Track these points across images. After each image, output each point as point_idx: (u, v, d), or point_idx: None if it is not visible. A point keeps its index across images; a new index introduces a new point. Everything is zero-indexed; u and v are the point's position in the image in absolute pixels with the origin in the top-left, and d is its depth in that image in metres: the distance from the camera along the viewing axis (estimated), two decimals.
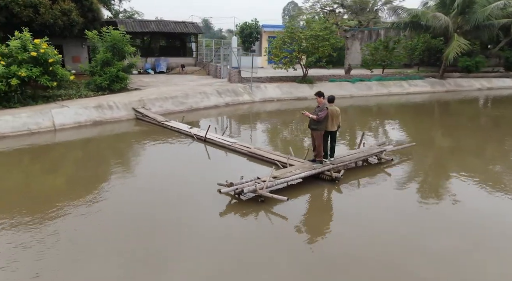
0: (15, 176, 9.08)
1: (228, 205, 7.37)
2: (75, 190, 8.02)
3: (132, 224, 6.54)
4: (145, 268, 5.26)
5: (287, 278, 5.16)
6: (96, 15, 22.89)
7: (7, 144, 11.38)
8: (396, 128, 15.75)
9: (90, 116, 13.79)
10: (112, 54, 16.86)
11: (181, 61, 27.51)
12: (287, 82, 22.58)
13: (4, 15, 18.20)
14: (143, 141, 12.41)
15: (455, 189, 8.58)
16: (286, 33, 21.72)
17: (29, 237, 5.93)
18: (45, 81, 14.02)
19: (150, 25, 26.49)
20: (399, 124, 16.63)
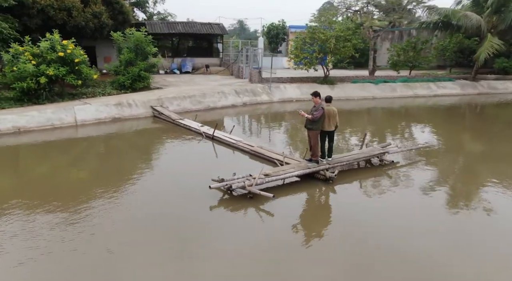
0: (42, 168, 9.84)
1: (219, 200, 7.64)
2: (98, 182, 8.55)
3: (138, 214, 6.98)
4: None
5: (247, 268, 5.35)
6: (126, 17, 23.98)
7: (33, 138, 12.30)
8: (415, 131, 15.32)
9: (110, 113, 14.57)
10: (135, 55, 17.66)
11: (206, 61, 28.17)
12: (308, 83, 22.54)
13: (41, 18, 19.51)
14: (157, 138, 13.02)
15: (453, 195, 8.34)
16: (307, 34, 21.71)
17: (62, 221, 6.51)
18: (71, 80, 14.99)
19: (177, 26, 27.36)
20: (420, 127, 16.16)
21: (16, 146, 11.67)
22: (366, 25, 24.32)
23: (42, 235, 6.05)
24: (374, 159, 9.85)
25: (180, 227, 6.51)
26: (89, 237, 6.04)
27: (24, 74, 14.09)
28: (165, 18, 46.12)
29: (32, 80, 14.28)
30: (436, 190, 8.41)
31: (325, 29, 21.73)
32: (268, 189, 8.01)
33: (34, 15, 19.21)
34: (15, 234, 6.07)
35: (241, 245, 5.97)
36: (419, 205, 7.68)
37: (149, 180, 8.84)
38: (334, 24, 21.96)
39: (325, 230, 6.68)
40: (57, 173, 9.42)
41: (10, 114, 12.90)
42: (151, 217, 6.85)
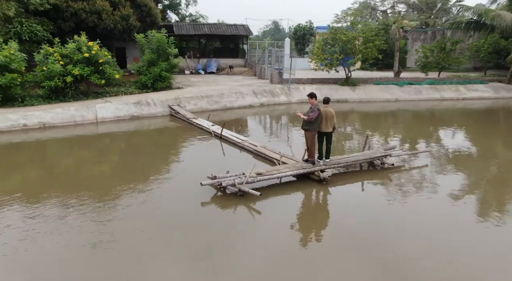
0: (67, 162, 10.60)
1: (212, 197, 7.90)
2: (120, 176, 9.19)
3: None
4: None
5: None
6: (154, 19, 24.91)
7: (57, 133, 13.20)
8: (433, 134, 14.85)
9: (129, 111, 15.29)
10: (156, 55, 18.36)
11: (231, 62, 28.65)
12: (328, 84, 22.37)
13: (74, 21, 20.73)
14: (170, 136, 13.65)
15: (439, 200, 8.10)
16: (329, 35, 21.58)
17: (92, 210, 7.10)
18: (95, 79, 15.88)
19: (203, 28, 28.05)
20: (442, 130, 15.62)
21: (43, 140, 12.54)
22: (396, 25, 23.66)
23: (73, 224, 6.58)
24: (376, 161, 9.73)
25: (171, 220, 6.83)
26: (120, 228, 6.49)
27: (52, 73, 15.11)
28: (195, 20, 47.26)
29: (60, 79, 15.28)
30: (430, 194, 8.21)
31: (348, 30, 21.50)
32: (264, 188, 8.20)
33: (67, 18, 20.45)
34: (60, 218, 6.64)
35: (214, 236, 6.19)
36: (407, 208, 7.56)
37: (151, 176, 9.26)
38: (356, 24, 21.64)
39: (305, 230, 6.76)
40: (81, 167, 10.10)
41: (37, 110, 13.90)
42: (148, 211, 7.24)
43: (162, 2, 44.73)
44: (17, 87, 14.59)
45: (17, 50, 14.87)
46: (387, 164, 9.56)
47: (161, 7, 45.06)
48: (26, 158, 10.83)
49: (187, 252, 5.80)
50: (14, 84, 14.35)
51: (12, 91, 14.59)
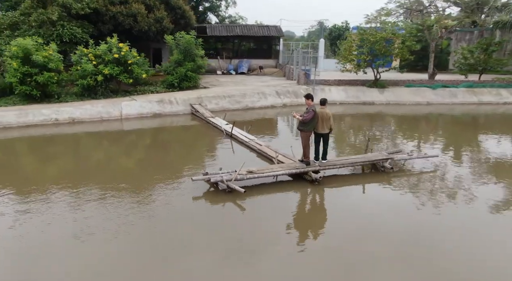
0: (97, 155, 11.49)
1: (205, 192, 8.24)
2: (143, 169, 9.88)
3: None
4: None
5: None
6: (188, 21, 25.84)
7: (85, 128, 14.27)
8: (456, 140, 14.15)
9: (152, 109, 16.11)
10: (183, 56, 19.11)
11: (262, 62, 28.96)
12: (355, 86, 21.94)
13: (112, 23, 22.08)
14: (188, 133, 14.31)
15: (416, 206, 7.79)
16: (357, 35, 21.19)
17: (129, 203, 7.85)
18: (123, 78, 16.90)
19: (235, 29, 28.63)
20: (463, 136, 14.85)
21: (73, 134, 13.63)
22: (439, 25, 22.51)
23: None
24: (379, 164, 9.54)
25: (160, 211, 7.27)
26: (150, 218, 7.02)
27: (85, 72, 16.32)
28: (234, 21, 48.14)
29: (91, 78, 16.45)
30: (419, 200, 7.95)
31: (377, 31, 20.97)
32: (258, 185, 8.43)
33: (106, 21, 21.83)
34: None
35: (193, 229, 6.51)
36: (394, 212, 7.39)
37: (159, 169, 9.79)
38: (386, 25, 21.04)
39: (279, 228, 6.86)
40: (110, 160, 10.96)
41: (68, 106, 15.11)
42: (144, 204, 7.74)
43: (203, 4, 46.19)
44: (53, 84, 15.92)
45: (56, 51, 16.23)
46: (386, 168, 9.33)
47: (202, 9, 46.70)
48: (59, 150, 11.84)
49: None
50: (51, 82, 15.68)
51: (49, 88, 15.95)
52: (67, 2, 18.96)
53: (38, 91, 15.69)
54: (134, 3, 22.02)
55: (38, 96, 15.76)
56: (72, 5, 19.15)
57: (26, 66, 15.29)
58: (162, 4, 23.56)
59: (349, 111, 19.52)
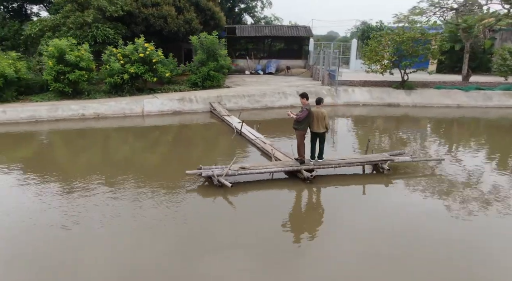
0: (123, 149, 12.29)
1: (199, 186, 8.58)
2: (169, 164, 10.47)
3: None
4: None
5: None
6: (218, 22, 26.48)
7: (110, 123, 15.18)
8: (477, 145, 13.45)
9: (172, 107, 16.78)
10: (206, 56, 19.67)
11: (290, 63, 28.98)
12: (381, 87, 21.37)
13: (144, 25, 23.16)
14: (205, 130, 14.79)
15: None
16: (384, 35, 20.64)
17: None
18: (148, 77, 17.74)
19: (264, 30, 28.88)
20: (494, 141, 14.05)
21: (98, 128, 14.58)
22: (481, 24, 21.31)
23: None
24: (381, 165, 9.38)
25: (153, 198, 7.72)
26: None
27: (113, 71, 17.33)
28: (269, 22, 48.41)
29: (118, 76, 17.43)
30: (403, 205, 7.74)
31: (405, 31, 20.30)
32: (254, 181, 8.69)
33: (139, 23, 22.93)
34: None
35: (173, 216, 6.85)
36: (372, 213, 7.29)
37: (168, 164, 10.30)
38: (414, 24, 20.32)
39: (261, 223, 7.01)
40: (134, 153, 11.69)
41: (94, 103, 16.14)
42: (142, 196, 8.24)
43: (239, 5, 46.95)
44: (84, 82, 17.07)
45: (88, 51, 17.38)
46: (384, 169, 9.15)
47: (237, 11, 47.47)
48: (87, 143, 12.75)
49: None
50: (81, 79, 16.83)
51: (80, 85, 17.11)
52: (102, 5, 20.18)
53: (70, 88, 16.89)
54: (165, 5, 22.94)
55: (70, 93, 16.97)
56: (107, 8, 20.34)
57: (61, 64, 16.53)
58: (192, 6, 24.34)
59: (372, 112, 19.06)
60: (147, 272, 5.39)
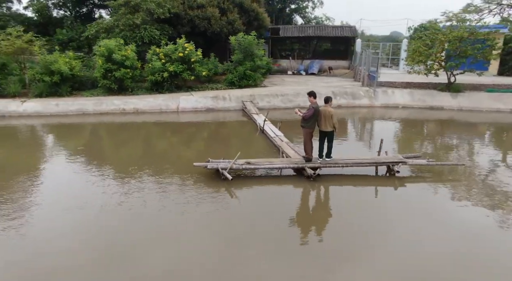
0: (162, 143, 13.20)
1: (207, 178, 9.01)
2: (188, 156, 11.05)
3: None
4: None
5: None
6: (261, 23, 26.92)
7: (147, 118, 16.25)
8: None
9: (206, 104, 17.49)
10: (243, 56, 20.16)
11: (334, 63, 28.57)
12: (424, 89, 20.33)
13: (189, 26, 24.28)
14: (234, 127, 15.37)
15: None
16: (429, 34, 19.63)
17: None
18: (186, 75, 18.65)
19: (307, 30, 28.74)
20: None
21: (138, 122, 15.68)
22: None
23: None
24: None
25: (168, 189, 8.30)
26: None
27: (154, 69, 18.48)
28: (319, 22, 47.85)
29: (159, 75, 18.54)
30: (407, 210, 7.44)
31: (454, 29, 19.11)
32: (261, 177, 8.99)
33: (185, 24, 24.10)
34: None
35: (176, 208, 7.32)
36: (369, 217, 7.14)
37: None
38: (464, 22, 19.05)
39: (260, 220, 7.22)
40: (173, 147, 12.59)
41: (134, 98, 17.37)
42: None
43: (289, 6, 47.10)
44: (128, 79, 18.41)
45: (134, 51, 18.70)
46: (393, 172, 8.88)
47: (288, 11, 47.62)
48: (129, 136, 13.85)
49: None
50: (126, 77, 18.18)
51: (125, 82, 18.48)
52: (151, 8, 21.58)
53: (116, 85, 18.32)
54: (209, 7, 23.86)
55: (116, 89, 18.41)
56: (155, 11, 21.71)
57: (109, 63, 18.00)
58: (235, 7, 25.02)
59: (412, 115, 18.24)
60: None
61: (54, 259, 5.64)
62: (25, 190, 8.11)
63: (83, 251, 5.81)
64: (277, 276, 5.28)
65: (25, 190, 8.14)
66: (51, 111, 16.17)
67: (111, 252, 5.85)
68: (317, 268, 5.44)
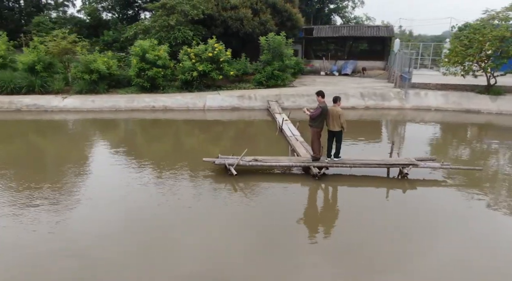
0: (191, 140, 13.80)
1: (217, 173, 9.31)
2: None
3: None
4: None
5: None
6: (295, 23, 26.91)
7: (175, 115, 16.94)
8: None
9: (231, 103, 17.86)
10: (272, 56, 20.31)
11: (368, 64, 27.90)
12: (461, 91, 19.32)
13: (223, 27, 24.82)
14: (258, 126, 15.49)
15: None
16: (467, 34, 18.63)
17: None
18: (214, 75, 19.15)
19: (341, 30, 28.28)
20: None
21: (167, 119, 16.43)
22: None
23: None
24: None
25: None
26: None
27: (184, 69, 19.16)
28: (358, 22, 46.75)
29: (189, 74, 19.19)
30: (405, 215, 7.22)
31: (496, 28, 18.00)
32: (271, 173, 9.16)
33: (218, 25, 24.66)
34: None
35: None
36: (367, 220, 7.03)
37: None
38: (507, 21, 17.88)
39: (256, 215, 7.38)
40: (201, 144, 13.05)
41: (164, 97, 18.14)
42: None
43: (328, 6, 46.54)
44: (160, 78, 19.23)
45: (166, 51, 19.50)
46: (404, 174, 8.65)
47: (327, 11, 47.07)
48: (160, 132, 14.54)
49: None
50: (157, 76, 19.01)
51: (157, 81, 19.32)
52: (185, 10, 22.38)
53: (148, 83, 19.19)
54: (242, 8, 24.26)
55: (148, 87, 19.29)
56: (189, 12, 22.48)
57: (142, 62, 18.92)
58: (268, 8, 25.23)
59: (445, 118, 17.43)
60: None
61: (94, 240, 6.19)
62: (73, 182, 8.80)
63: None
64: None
65: (73, 182, 8.86)
66: (87, 107, 17.31)
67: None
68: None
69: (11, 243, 6.01)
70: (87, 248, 5.88)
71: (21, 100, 17.55)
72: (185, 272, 5.36)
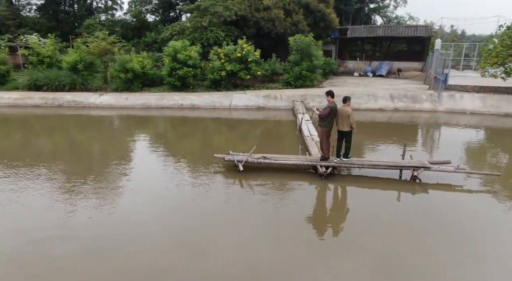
0: (218, 138, 14.23)
1: (226, 169, 9.57)
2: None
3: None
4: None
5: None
6: (328, 23, 26.65)
7: (202, 114, 17.45)
8: None
9: (257, 102, 18.08)
10: (300, 57, 20.28)
11: (405, 65, 26.93)
12: (501, 94, 18.16)
13: (255, 28, 25.15)
14: (283, 126, 15.65)
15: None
16: (510, 33, 17.51)
17: None
18: (242, 75, 19.47)
19: (377, 30, 27.49)
20: None
21: (195, 117, 16.98)
22: None
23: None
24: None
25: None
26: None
27: (213, 69, 19.66)
28: (399, 22, 45.14)
29: (218, 73, 19.67)
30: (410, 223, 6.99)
31: None
32: (276, 170, 9.26)
33: (251, 26, 25.01)
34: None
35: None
36: (365, 222, 6.92)
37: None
38: None
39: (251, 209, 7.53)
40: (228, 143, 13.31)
41: (192, 95, 18.73)
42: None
43: (368, 6, 45.44)
44: (190, 77, 19.89)
45: (197, 52, 20.12)
46: (416, 177, 8.39)
47: (367, 11, 46.00)
48: (189, 129, 15.13)
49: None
50: (188, 75, 19.66)
51: (187, 80, 19.99)
52: (218, 11, 22.95)
53: (179, 82, 19.92)
54: (275, 8, 24.41)
55: (179, 86, 20.02)
56: (222, 13, 23.02)
57: (174, 62, 19.67)
58: (301, 8, 25.18)
59: (480, 123, 16.49)
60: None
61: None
62: (113, 176, 9.51)
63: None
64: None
65: (113, 175, 9.57)
66: (121, 104, 18.30)
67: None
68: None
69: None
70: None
71: (63, 96, 18.92)
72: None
